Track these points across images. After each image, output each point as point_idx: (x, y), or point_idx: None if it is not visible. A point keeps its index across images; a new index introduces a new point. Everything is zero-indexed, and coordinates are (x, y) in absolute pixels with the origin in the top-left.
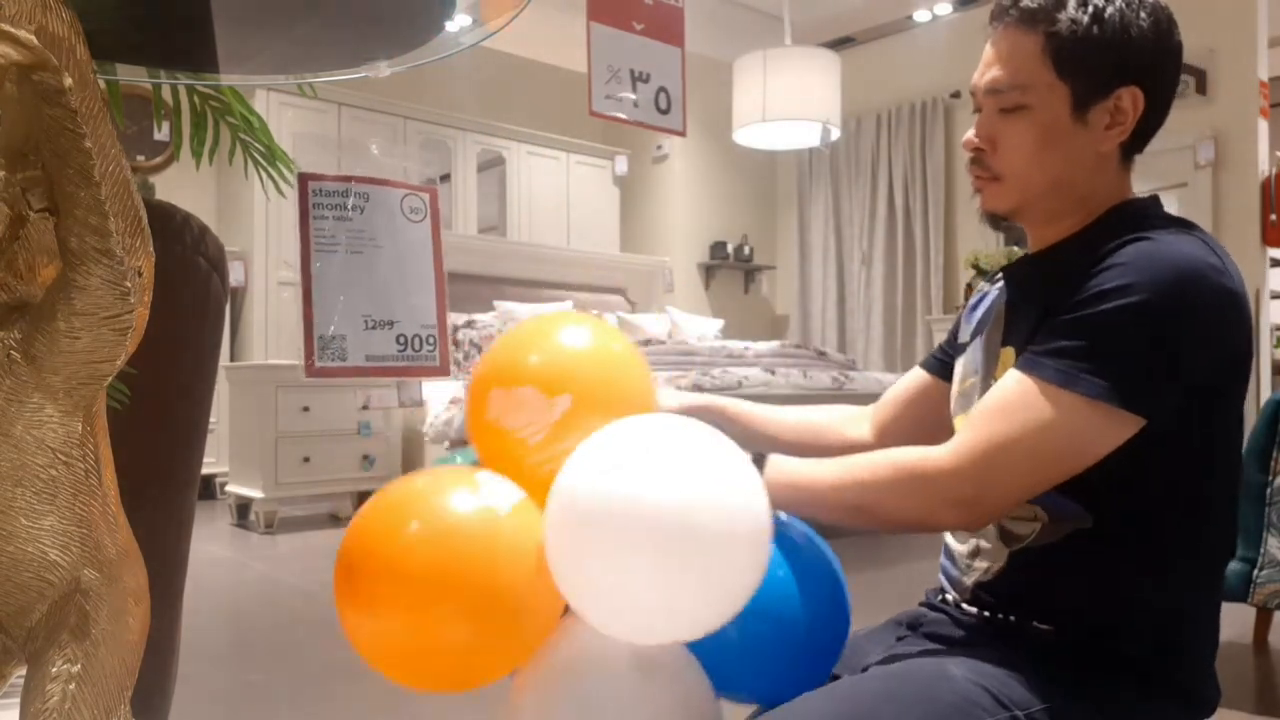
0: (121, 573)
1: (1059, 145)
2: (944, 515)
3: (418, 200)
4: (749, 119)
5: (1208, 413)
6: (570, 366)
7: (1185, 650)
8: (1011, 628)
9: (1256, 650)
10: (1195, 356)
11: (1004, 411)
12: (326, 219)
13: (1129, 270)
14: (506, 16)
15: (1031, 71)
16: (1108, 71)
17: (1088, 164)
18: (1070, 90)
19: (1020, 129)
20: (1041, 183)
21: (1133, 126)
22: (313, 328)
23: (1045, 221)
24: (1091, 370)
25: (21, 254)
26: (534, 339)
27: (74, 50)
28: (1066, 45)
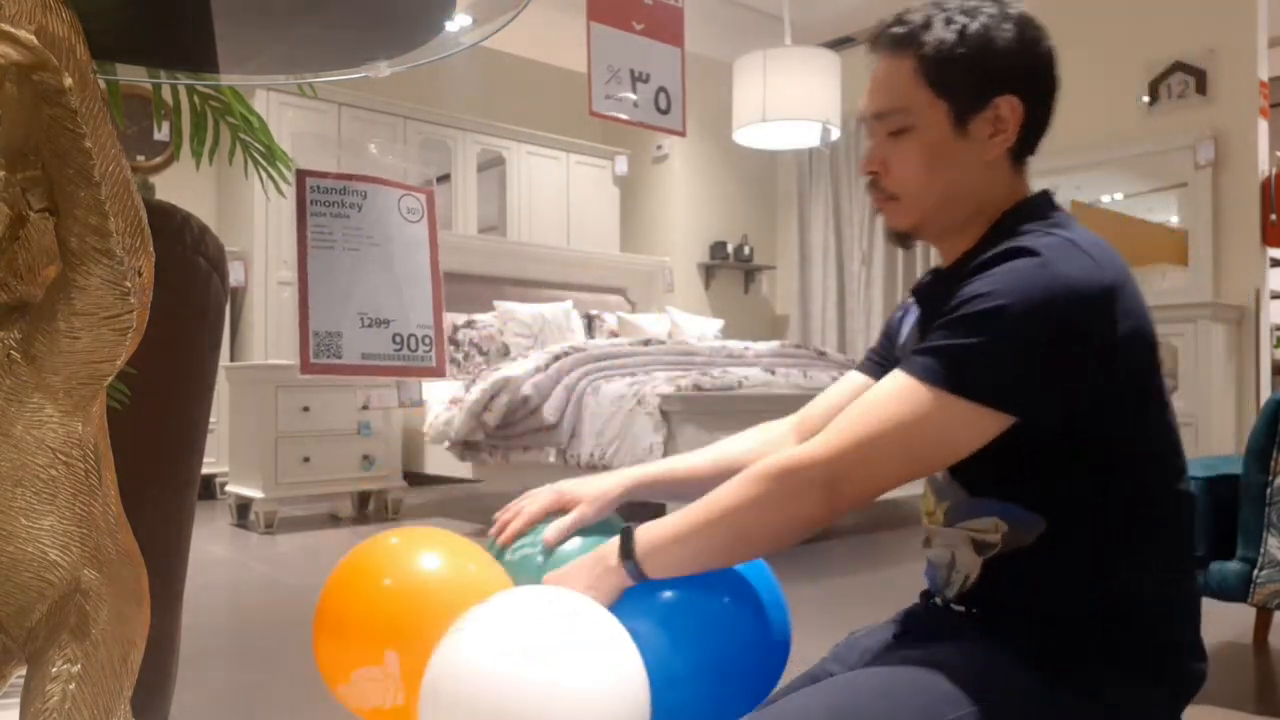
0: (121, 573)
1: (946, 160)
2: (812, 503)
3: (415, 201)
4: (749, 119)
5: (1121, 404)
6: (378, 625)
7: (1161, 631)
8: (997, 622)
9: (1256, 650)
10: (1071, 355)
11: (871, 405)
12: (324, 216)
13: (995, 278)
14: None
15: (909, 94)
16: (980, 84)
17: (976, 174)
18: (949, 106)
19: (908, 149)
20: (935, 198)
21: (1016, 132)
22: (308, 324)
23: (946, 235)
24: (954, 368)
25: (21, 254)
26: (335, 621)
27: (74, 50)
28: (937, 64)
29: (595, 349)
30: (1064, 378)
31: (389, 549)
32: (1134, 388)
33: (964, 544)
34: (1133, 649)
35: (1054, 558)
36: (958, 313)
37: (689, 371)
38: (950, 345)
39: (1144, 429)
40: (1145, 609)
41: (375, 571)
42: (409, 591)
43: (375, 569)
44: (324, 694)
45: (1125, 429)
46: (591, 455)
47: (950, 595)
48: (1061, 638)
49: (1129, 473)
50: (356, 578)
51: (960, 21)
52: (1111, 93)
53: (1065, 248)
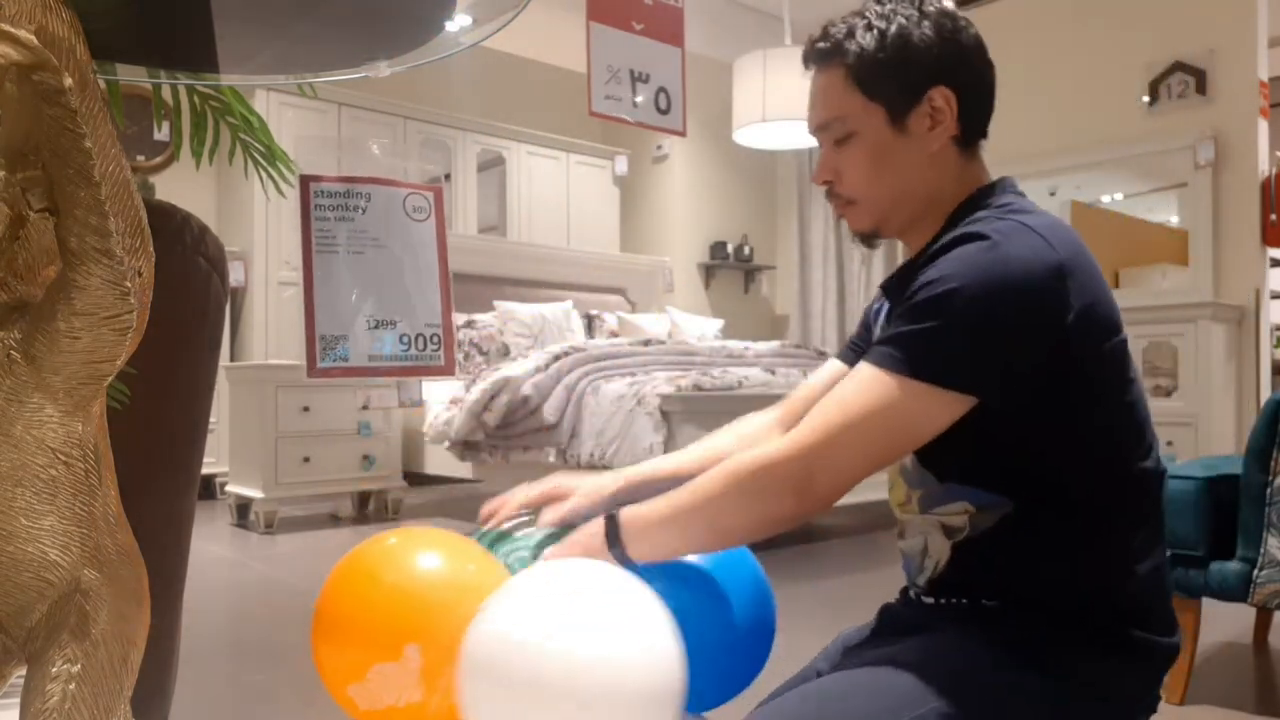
0: (121, 573)
1: (891, 159)
2: (785, 502)
3: (421, 199)
4: (749, 119)
5: (1078, 382)
6: (397, 618)
7: (1128, 608)
8: (964, 609)
9: (1256, 650)
10: (1024, 334)
11: (837, 399)
12: (328, 219)
13: (947, 263)
14: (506, 16)
15: (843, 102)
16: (908, 81)
17: (924, 167)
18: (883, 107)
19: (853, 155)
20: (887, 196)
21: (955, 120)
22: (314, 328)
23: (907, 230)
24: (912, 353)
25: (21, 254)
26: (345, 620)
27: (74, 50)
28: (863, 70)
29: (595, 349)
30: (1018, 357)
31: (390, 549)
32: (1091, 366)
33: (935, 530)
34: (1100, 627)
35: (1018, 538)
36: (912, 300)
37: (689, 371)
38: (906, 331)
39: (1104, 407)
40: (1111, 586)
41: (382, 570)
42: (426, 586)
43: (380, 568)
44: (324, 694)
45: (1084, 408)
46: (591, 455)
47: (922, 583)
48: (1028, 620)
49: (1089, 451)
50: (363, 577)
51: (879, 26)
52: (1111, 93)
53: (1016, 230)
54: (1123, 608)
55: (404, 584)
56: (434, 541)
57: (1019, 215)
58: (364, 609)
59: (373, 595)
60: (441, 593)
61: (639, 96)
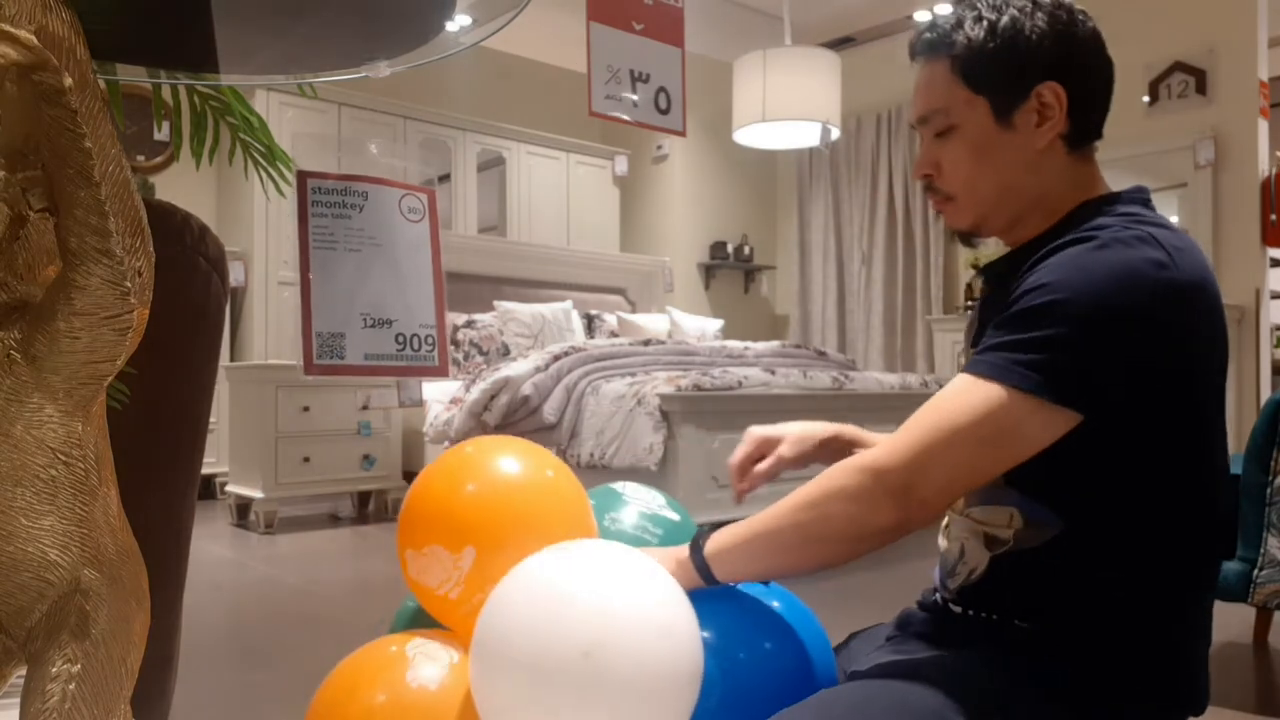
0: (121, 573)
1: (993, 154)
2: (883, 511)
3: (416, 200)
4: (749, 119)
5: (1171, 410)
6: (471, 519)
7: (1168, 649)
8: (994, 626)
9: (1256, 650)
10: (1135, 353)
11: (939, 407)
12: (325, 217)
13: (1061, 269)
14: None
15: (947, 94)
16: (1016, 75)
17: (1028, 164)
18: (988, 101)
19: (955, 149)
20: (990, 192)
21: (1064, 117)
22: (311, 325)
23: (1010, 228)
24: (1023, 364)
25: (21, 254)
26: (438, 496)
27: (74, 50)
28: (969, 62)
29: (595, 349)
30: (1127, 378)
31: (485, 453)
32: (1195, 396)
33: (975, 537)
34: (1138, 668)
35: (1064, 563)
36: (1022, 305)
37: (689, 371)
38: (1015, 340)
39: (1190, 448)
40: (1154, 626)
41: (468, 473)
42: (496, 495)
43: (468, 471)
44: None
45: (1169, 443)
46: (591, 455)
47: (953, 588)
48: (1060, 648)
49: (1163, 491)
50: (454, 475)
51: (989, 18)
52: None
53: (1142, 242)
54: (1164, 653)
55: (481, 492)
56: (522, 453)
57: (1147, 227)
58: (446, 500)
59: (455, 492)
60: (509, 504)
61: (639, 96)
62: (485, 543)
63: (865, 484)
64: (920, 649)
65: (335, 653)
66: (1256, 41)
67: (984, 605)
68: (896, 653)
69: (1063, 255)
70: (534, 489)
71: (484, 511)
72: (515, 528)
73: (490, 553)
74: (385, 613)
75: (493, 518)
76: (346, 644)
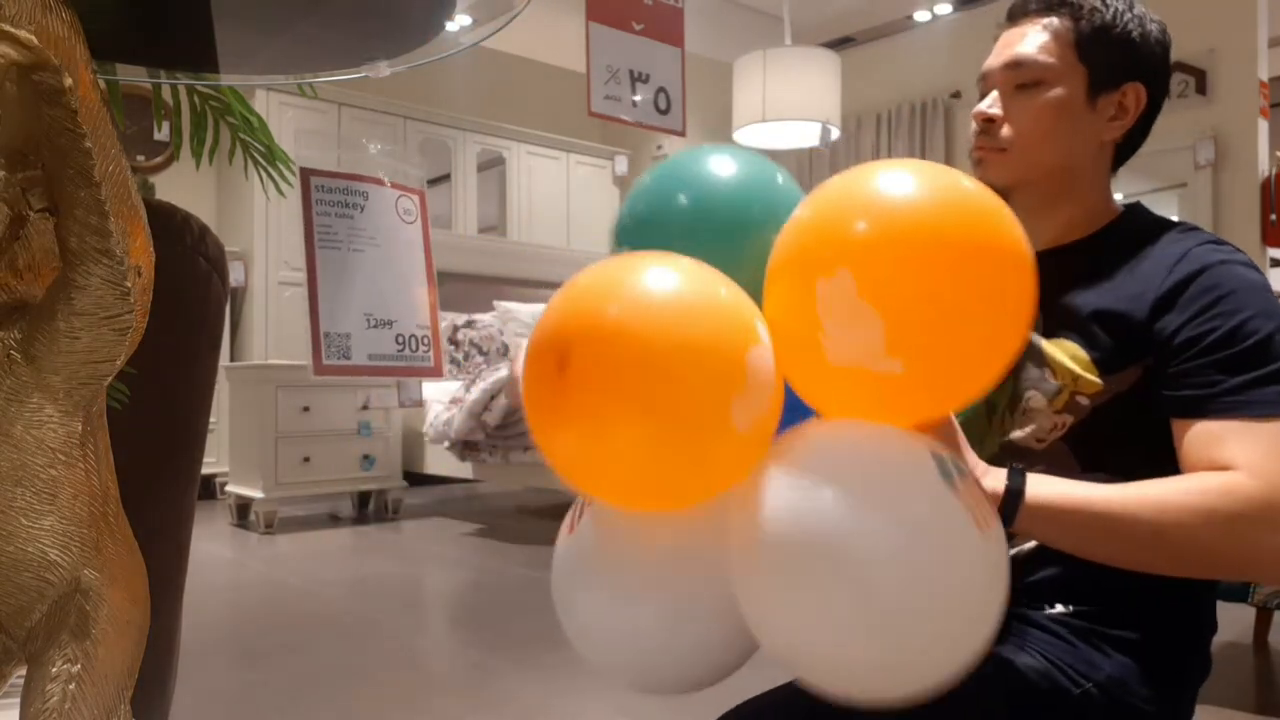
0: (121, 573)
1: (1070, 124)
2: (1266, 549)
3: (409, 202)
4: (749, 119)
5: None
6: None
7: (1194, 638)
8: (1020, 616)
9: (1256, 650)
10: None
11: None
12: (329, 215)
13: (1241, 290)
14: (506, 16)
15: (1055, 50)
16: (1123, 63)
17: (1090, 151)
18: (1088, 74)
19: (1037, 103)
20: (1047, 160)
21: (1132, 123)
22: (319, 325)
23: (1037, 207)
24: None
25: (21, 254)
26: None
27: (74, 50)
28: (1090, 32)
29: None
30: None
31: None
32: None
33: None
34: (1162, 652)
35: None
36: (1249, 341)
37: None
38: (1267, 375)
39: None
40: (1179, 612)
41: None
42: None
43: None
44: (324, 694)
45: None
46: None
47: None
48: (1093, 634)
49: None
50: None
51: (1115, 4)
52: None
53: (1251, 265)
54: (1187, 638)
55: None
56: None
57: (1228, 247)
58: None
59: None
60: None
61: (638, 96)
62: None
63: (1248, 519)
64: None
65: (335, 653)
66: (1256, 41)
67: (1020, 588)
68: None
69: (1219, 274)
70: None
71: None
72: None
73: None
74: (385, 613)
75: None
76: (346, 644)
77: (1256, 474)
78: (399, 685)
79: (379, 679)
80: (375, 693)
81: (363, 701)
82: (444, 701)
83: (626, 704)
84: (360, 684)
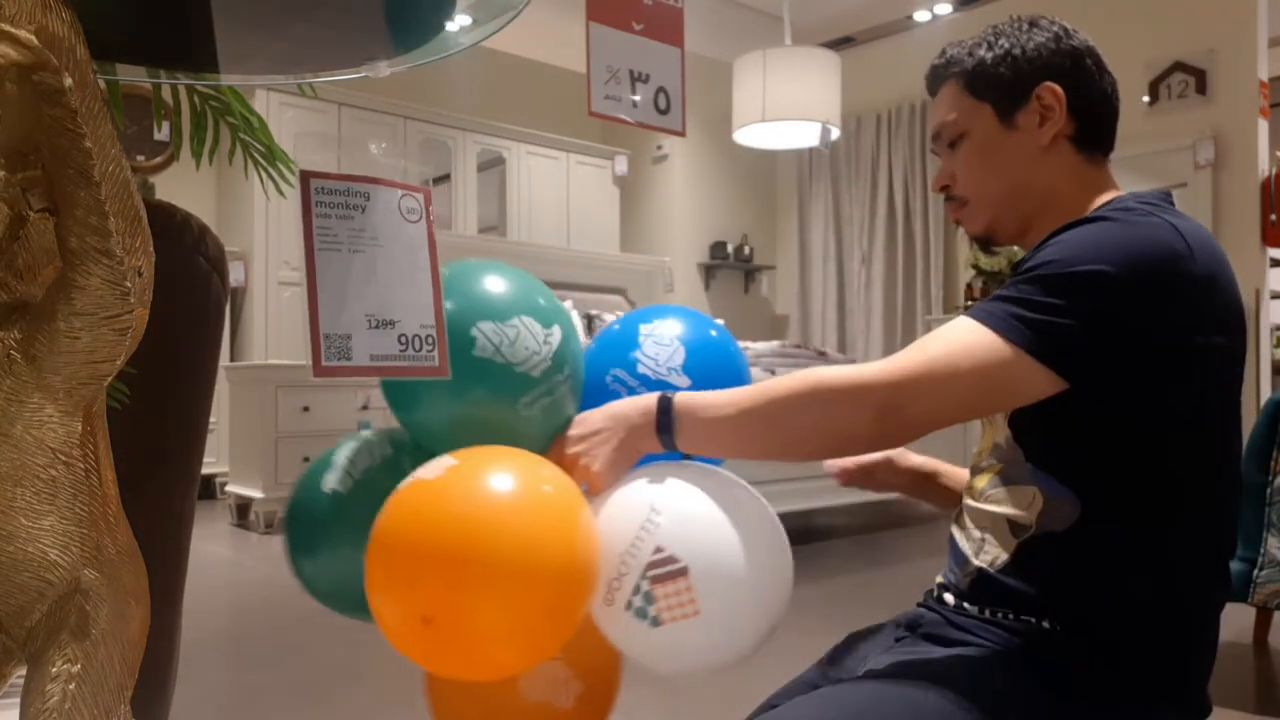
0: (121, 573)
1: (998, 153)
2: (863, 419)
3: (413, 200)
4: (749, 119)
5: (1175, 394)
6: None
7: (1185, 655)
8: (1010, 627)
9: (1256, 650)
10: (1136, 326)
11: (941, 341)
12: (329, 217)
13: (1077, 241)
14: (506, 16)
15: (955, 106)
16: (1015, 80)
17: (1033, 162)
18: (991, 106)
19: (965, 154)
20: (999, 191)
21: (1065, 116)
22: (319, 327)
23: (1023, 232)
24: (1018, 319)
25: (21, 254)
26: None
27: (74, 50)
28: (974, 75)
29: None
30: (1132, 355)
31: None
32: (1191, 387)
33: (998, 524)
34: (1156, 673)
35: (1084, 553)
36: (1037, 269)
37: None
38: (1025, 300)
39: (1198, 436)
40: (1172, 630)
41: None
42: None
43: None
44: (324, 694)
45: (1176, 425)
46: None
47: (969, 579)
48: (1076, 648)
49: (1172, 478)
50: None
51: (989, 39)
52: None
53: (1157, 225)
54: (1180, 659)
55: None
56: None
57: (1164, 213)
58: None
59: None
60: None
61: (639, 96)
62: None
63: (857, 391)
64: (932, 649)
65: (335, 653)
66: (1256, 41)
67: (1000, 602)
68: (908, 653)
69: (1082, 229)
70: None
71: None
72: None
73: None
74: None
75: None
76: (347, 644)
77: (883, 362)
78: (399, 685)
79: (379, 679)
80: (375, 693)
81: (363, 701)
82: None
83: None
84: (360, 684)
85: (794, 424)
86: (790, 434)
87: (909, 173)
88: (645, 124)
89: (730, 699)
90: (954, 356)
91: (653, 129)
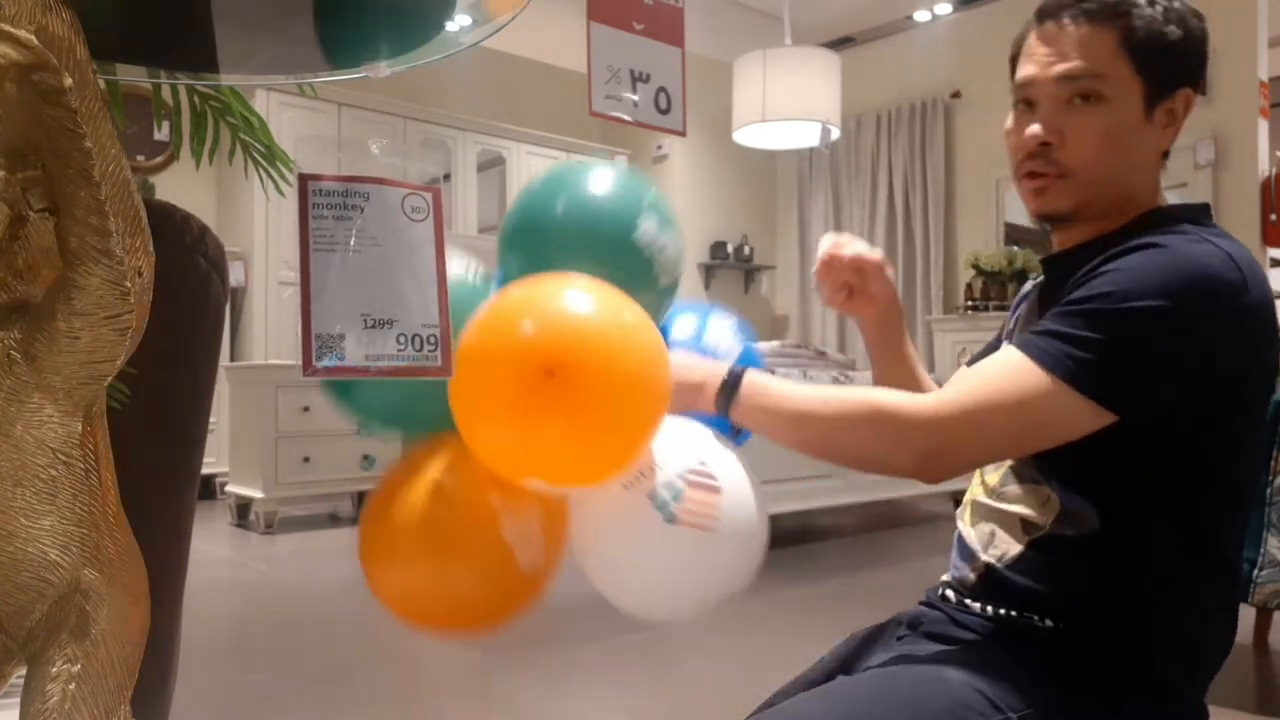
0: (121, 573)
1: (1128, 140)
2: (905, 459)
3: (420, 200)
4: (749, 119)
5: (1218, 424)
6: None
7: (1191, 659)
8: (1013, 625)
9: (1256, 650)
10: (1192, 365)
11: (988, 378)
12: (326, 219)
13: (1133, 273)
14: (506, 16)
15: (1110, 63)
16: (1175, 71)
17: (1146, 163)
18: (1144, 86)
19: (1093, 121)
20: (1110, 177)
21: (1181, 127)
22: (311, 327)
23: (1097, 220)
24: (1073, 357)
25: (21, 254)
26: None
27: (74, 50)
28: (1144, 41)
29: None
30: (1178, 391)
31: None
32: (1242, 415)
33: (1009, 521)
34: (1161, 677)
35: (1097, 558)
36: (1084, 301)
37: None
38: (1071, 335)
39: (1237, 457)
40: (1179, 634)
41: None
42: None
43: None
44: (324, 694)
45: (1221, 453)
46: None
47: (975, 573)
48: (1084, 650)
49: (1204, 495)
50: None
51: (1163, 3)
52: None
53: (1211, 251)
54: (1186, 664)
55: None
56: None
57: (1214, 237)
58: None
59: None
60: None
61: (639, 96)
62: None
63: (905, 429)
64: (934, 647)
65: (335, 653)
66: (1256, 41)
67: (1005, 599)
68: (909, 652)
69: (1135, 258)
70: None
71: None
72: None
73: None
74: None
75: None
76: (346, 644)
77: (934, 400)
78: (398, 685)
79: (378, 679)
80: (374, 692)
81: (362, 701)
82: (443, 702)
83: (625, 705)
84: (359, 684)
85: (843, 439)
86: (837, 447)
87: (909, 173)
88: (646, 124)
89: (731, 697)
90: (1003, 399)
91: (653, 129)
